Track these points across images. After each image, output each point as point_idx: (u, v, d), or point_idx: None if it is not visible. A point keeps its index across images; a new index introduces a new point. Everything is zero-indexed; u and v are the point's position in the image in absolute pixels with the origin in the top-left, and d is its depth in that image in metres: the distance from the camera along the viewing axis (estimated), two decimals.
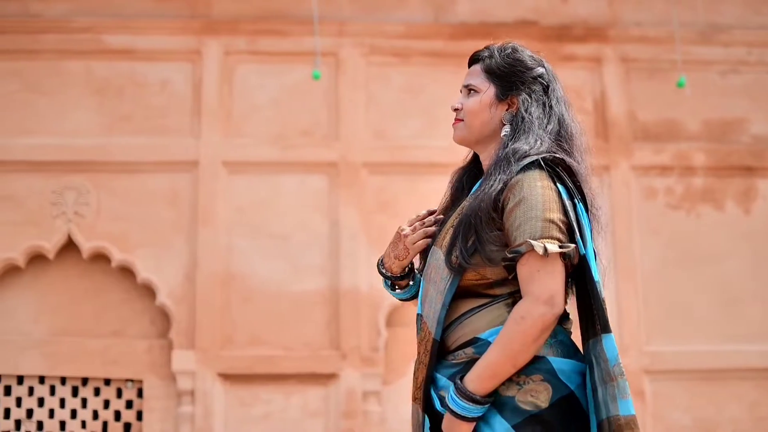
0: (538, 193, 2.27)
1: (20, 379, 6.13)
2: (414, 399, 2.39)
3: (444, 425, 2.27)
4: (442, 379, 2.33)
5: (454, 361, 2.32)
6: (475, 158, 2.56)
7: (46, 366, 6.10)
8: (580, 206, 2.34)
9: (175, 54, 6.42)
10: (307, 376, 6.04)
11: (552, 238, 2.24)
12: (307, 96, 6.40)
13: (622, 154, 6.40)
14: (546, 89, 2.48)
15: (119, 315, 6.18)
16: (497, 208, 2.29)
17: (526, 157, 2.33)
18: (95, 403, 6.10)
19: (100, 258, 6.19)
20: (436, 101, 6.43)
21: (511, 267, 2.27)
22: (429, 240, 2.46)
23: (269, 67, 6.44)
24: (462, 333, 2.32)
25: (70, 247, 6.19)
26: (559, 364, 2.27)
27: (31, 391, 6.11)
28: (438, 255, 2.38)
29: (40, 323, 6.16)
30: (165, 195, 6.22)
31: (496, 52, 2.50)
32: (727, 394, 6.19)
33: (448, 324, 2.34)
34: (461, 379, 2.24)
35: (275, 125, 6.36)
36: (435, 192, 6.16)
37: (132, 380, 6.13)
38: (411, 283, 2.58)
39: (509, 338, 2.21)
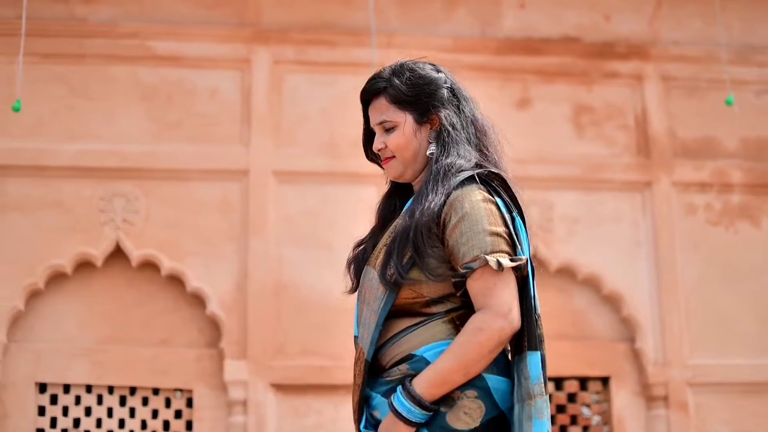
0: (481, 207, 2.25)
1: (67, 388, 6.05)
2: (354, 421, 2.36)
3: (383, 426, 2.23)
4: (377, 397, 2.31)
5: (388, 378, 2.30)
6: (396, 185, 2.54)
7: (94, 375, 6.04)
8: (518, 219, 2.33)
9: (224, 62, 6.41)
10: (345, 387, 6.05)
11: (502, 251, 2.23)
12: (355, 107, 6.36)
13: (664, 170, 6.52)
14: (452, 92, 2.45)
15: (167, 323, 6.14)
16: (438, 222, 2.26)
17: (461, 171, 2.32)
18: (143, 412, 6.05)
19: (149, 266, 6.14)
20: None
21: (460, 283, 2.24)
22: None
23: (318, 77, 6.45)
24: (398, 351, 2.29)
25: (117, 254, 6.13)
26: (495, 382, 2.25)
27: (78, 400, 6.04)
28: (371, 275, 2.36)
29: (88, 331, 6.10)
30: (215, 203, 6.19)
31: (394, 79, 2.43)
32: None
33: (383, 343, 2.31)
34: (410, 381, 2.22)
35: (324, 135, 6.37)
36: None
37: (181, 390, 6.09)
38: None
39: (464, 349, 2.18)
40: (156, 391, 6.09)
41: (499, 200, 2.30)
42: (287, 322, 6.09)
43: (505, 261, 2.21)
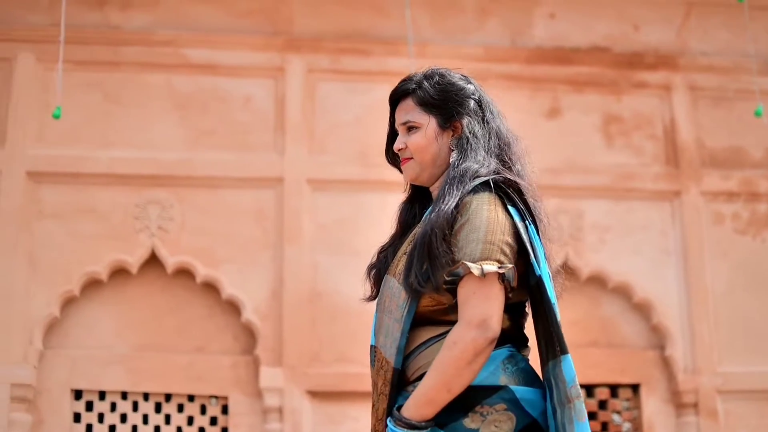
0: (484, 216, 2.26)
1: (102, 395, 6.07)
2: (377, 431, 2.36)
3: None
4: None
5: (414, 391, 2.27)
6: (416, 191, 2.56)
7: (129, 381, 6.06)
8: (531, 228, 2.32)
9: (258, 70, 6.44)
10: None
11: (491, 259, 2.21)
12: (387, 115, 6.45)
13: (692, 179, 6.59)
14: (480, 104, 2.48)
15: (202, 331, 6.17)
16: (451, 224, 2.27)
17: (477, 176, 2.32)
18: (179, 419, 6.07)
19: (183, 273, 6.17)
20: (514, 124, 6.50)
21: (453, 291, 2.24)
22: None
23: (351, 86, 6.49)
24: (423, 362, 2.28)
25: (152, 261, 6.15)
26: (522, 393, 2.25)
27: (113, 406, 6.06)
28: (392, 283, 2.36)
29: (123, 338, 6.12)
30: (250, 211, 6.22)
31: (425, 82, 2.48)
32: None
33: (407, 354, 2.30)
34: (398, 408, 2.23)
35: (358, 143, 6.41)
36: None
37: (216, 396, 6.12)
38: None
39: (443, 364, 2.18)
40: (191, 398, 6.12)
41: (511, 208, 2.30)
42: (322, 329, 6.13)
43: (489, 267, 2.20)
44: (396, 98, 2.52)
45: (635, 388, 6.41)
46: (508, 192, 2.32)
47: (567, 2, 6.70)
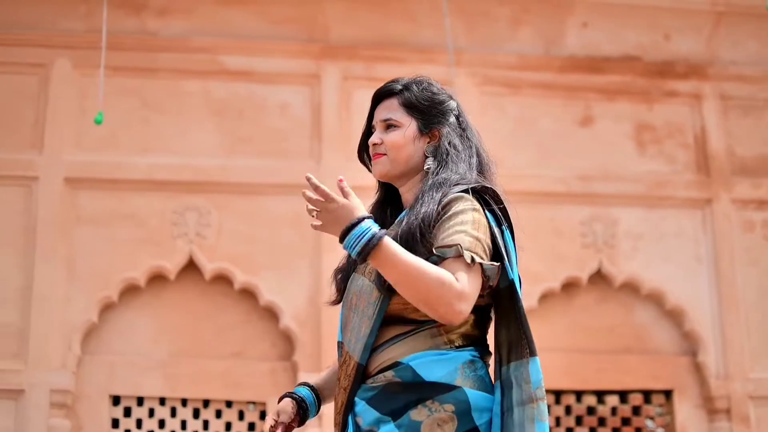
0: (470, 214, 2.32)
1: (140, 401, 6.08)
2: (335, 424, 2.41)
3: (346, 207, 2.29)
4: (360, 404, 2.34)
5: (372, 384, 2.34)
6: (387, 193, 2.62)
7: (167, 387, 6.07)
8: (507, 233, 2.41)
9: (294, 77, 6.47)
10: None
11: (477, 254, 2.27)
12: None
13: (723, 187, 6.65)
14: (459, 121, 2.54)
15: (240, 337, 6.18)
16: (430, 225, 2.32)
17: (457, 184, 2.38)
18: (217, 425, 6.08)
19: (221, 279, 6.19)
20: (547, 132, 6.62)
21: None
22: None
23: None
24: (386, 358, 2.34)
25: (190, 267, 6.17)
26: (476, 397, 2.29)
27: (151, 412, 6.06)
28: (361, 281, 2.40)
29: (161, 344, 6.13)
30: (287, 218, 6.24)
31: (413, 85, 2.53)
32: None
33: (372, 350, 2.35)
34: (382, 235, 2.24)
35: None
36: (550, 220, 6.37)
37: (254, 402, 6.14)
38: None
39: (422, 275, 2.22)
40: (229, 404, 6.13)
41: (489, 214, 2.37)
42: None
43: (479, 258, 2.26)
44: (380, 98, 2.56)
45: (668, 394, 6.46)
46: (486, 198, 2.39)
47: (599, 12, 6.76)
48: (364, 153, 2.63)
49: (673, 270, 6.50)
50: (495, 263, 2.30)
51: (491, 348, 2.42)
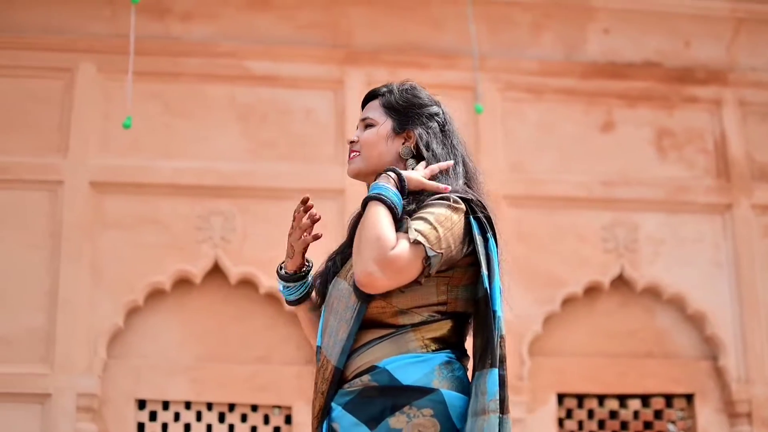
0: (443, 209, 2.31)
1: (166, 405, 6.09)
2: (312, 430, 2.39)
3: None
4: (337, 409, 2.32)
5: (349, 389, 2.32)
6: None
7: (193, 391, 6.08)
8: (492, 242, 2.38)
9: (318, 82, 6.50)
10: None
11: (428, 240, 2.25)
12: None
13: (743, 193, 6.70)
14: (443, 128, 2.52)
15: (265, 341, 6.20)
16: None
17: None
18: (243, 429, 6.10)
19: (246, 284, 6.20)
20: (569, 137, 6.66)
21: (403, 295, 2.31)
22: (315, 219, 2.60)
23: None
24: (362, 362, 2.32)
25: (215, 272, 6.19)
26: (453, 398, 2.27)
27: (177, 416, 6.07)
28: (341, 285, 2.40)
29: (186, 348, 6.15)
30: None
31: (395, 88, 2.57)
32: None
33: (349, 354, 2.34)
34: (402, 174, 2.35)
35: None
36: (572, 226, 6.39)
37: (280, 406, 6.15)
38: (305, 283, 2.61)
39: (367, 225, 2.29)
40: (255, 408, 6.15)
41: (474, 220, 2.35)
42: None
43: (423, 241, 2.24)
44: (367, 100, 2.61)
45: (689, 398, 6.50)
46: (472, 206, 2.37)
47: (620, 18, 6.81)
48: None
49: (694, 275, 6.55)
50: (439, 251, 2.27)
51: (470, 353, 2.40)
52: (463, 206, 2.34)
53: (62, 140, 6.24)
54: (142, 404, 6.07)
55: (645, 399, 6.46)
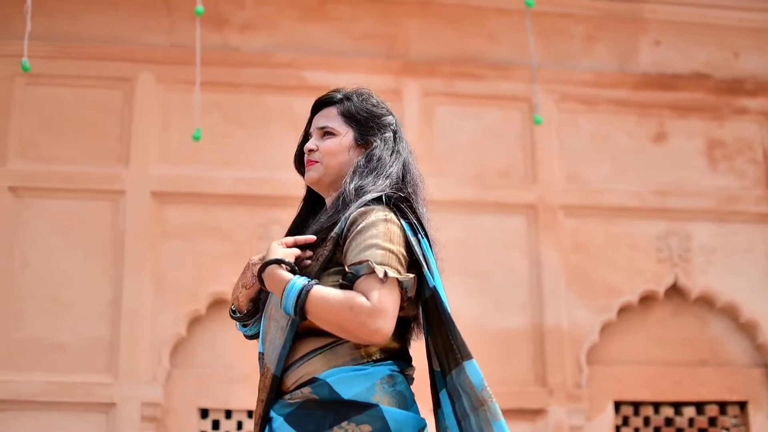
0: (381, 225, 2.28)
1: (228, 414, 6.11)
2: None
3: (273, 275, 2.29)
4: (278, 419, 2.28)
5: (290, 401, 2.28)
6: (312, 203, 2.60)
7: (254, 400, 6.08)
8: (424, 241, 2.35)
9: (376, 93, 6.52)
10: (515, 411, 6.19)
11: (390, 266, 2.23)
12: (502, 138, 6.61)
13: None
14: (395, 136, 2.53)
15: None
16: (339, 235, 2.30)
17: (366, 193, 2.36)
18: None
19: None
20: (622, 148, 6.72)
21: (347, 288, 2.24)
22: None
23: (465, 109, 6.62)
24: (303, 373, 2.28)
25: None
26: (393, 414, 2.24)
27: (239, 425, 6.10)
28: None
29: (248, 357, 6.12)
30: None
31: (354, 96, 2.54)
32: None
33: (289, 363, 2.30)
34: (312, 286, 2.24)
35: (474, 166, 6.53)
36: (627, 235, 6.45)
37: None
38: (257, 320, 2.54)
39: (331, 307, 2.20)
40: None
41: (404, 222, 2.34)
42: None
43: (393, 273, 2.22)
44: (319, 105, 2.58)
45: (743, 405, 6.56)
46: (401, 206, 2.37)
47: (671, 30, 6.89)
48: (298, 160, 2.63)
49: (746, 283, 6.62)
50: (410, 275, 2.27)
51: (430, 357, 2.37)
52: (392, 215, 2.32)
53: (123, 150, 6.26)
54: (204, 413, 6.09)
55: (699, 406, 6.53)
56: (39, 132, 6.25)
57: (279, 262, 2.30)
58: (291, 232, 2.54)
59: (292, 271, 2.30)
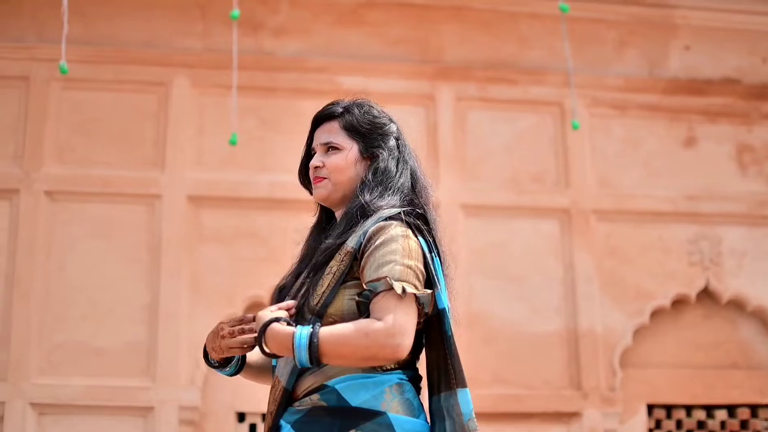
0: (399, 241, 2.27)
1: (264, 417, 6.12)
2: None
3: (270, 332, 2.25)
4: (286, 427, 2.29)
5: (299, 407, 2.30)
6: (326, 216, 2.60)
7: None
8: (436, 261, 2.36)
9: (409, 98, 6.56)
10: (550, 415, 6.23)
11: (408, 282, 2.23)
12: (535, 143, 6.64)
13: None
14: (398, 144, 2.52)
15: None
16: (356, 249, 2.30)
17: (379, 208, 2.36)
18: None
19: None
20: (654, 153, 6.76)
21: (363, 305, 2.24)
22: (245, 349, 2.38)
23: (499, 114, 6.65)
24: (313, 381, 2.29)
25: None
26: (401, 422, 2.25)
27: None
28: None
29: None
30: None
31: (354, 108, 2.53)
32: None
33: (301, 372, 2.31)
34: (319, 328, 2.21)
35: (508, 170, 6.56)
36: (659, 240, 6.48)
37: None
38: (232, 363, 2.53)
39: (346, 340, 2.18)
40: None
41: (421, 239, 2.34)
42: (478, 352, 6.25)
43: (411, 288, 2.22)
44: (320, 120, 2.57)
45: None
46: (418, 224, 2.36)
47: (701, 35, 6.93)
48: (303, 175, 2.63)
49: None
50: (427, 290, 2.27)
51: (423, 373, 2.40)
52: (409, 231, 2.32)
53: (159, 154, 6.27)
54: (241, 417, 6.11)
55: (731, 409, 6.57)
56: (75, 136, 6.26)
57: (277, 320, 2.27)
58: (306, 252, 2.52)
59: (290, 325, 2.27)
